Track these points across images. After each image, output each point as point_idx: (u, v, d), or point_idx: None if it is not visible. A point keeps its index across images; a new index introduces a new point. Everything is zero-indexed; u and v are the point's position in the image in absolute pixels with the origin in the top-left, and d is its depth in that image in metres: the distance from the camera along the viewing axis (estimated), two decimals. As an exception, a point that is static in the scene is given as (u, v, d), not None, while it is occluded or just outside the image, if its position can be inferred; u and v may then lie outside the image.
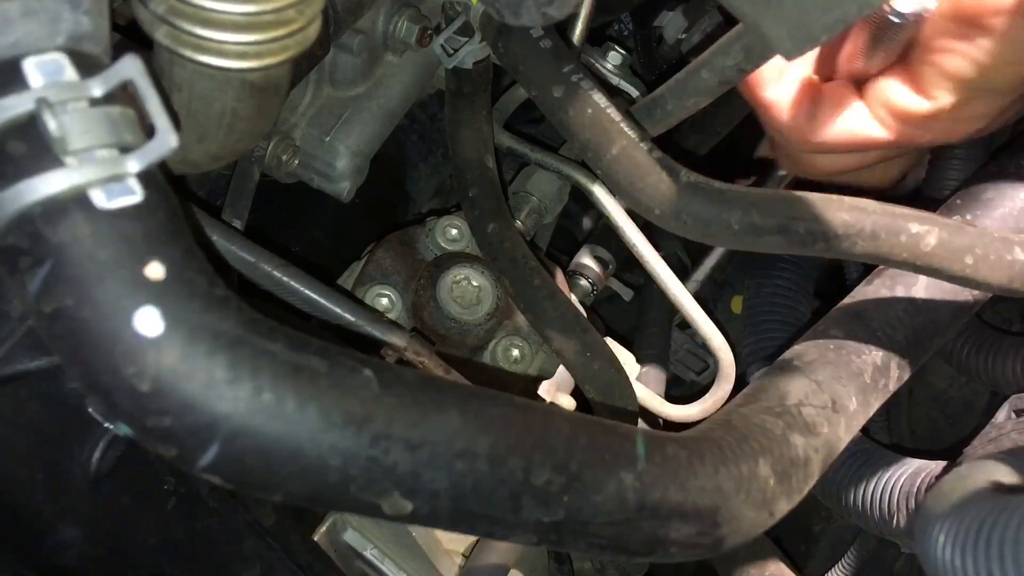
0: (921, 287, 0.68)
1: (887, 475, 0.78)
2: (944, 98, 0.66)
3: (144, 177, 0.39)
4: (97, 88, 0.39)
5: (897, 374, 0.65)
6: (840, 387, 0.61)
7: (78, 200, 0.37)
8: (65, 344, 0.37)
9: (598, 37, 0.98)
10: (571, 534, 0.46)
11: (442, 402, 0.42)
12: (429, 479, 0.41)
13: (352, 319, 0.68)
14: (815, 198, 0.58)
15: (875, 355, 0.64)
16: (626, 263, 0.93)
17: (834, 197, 0.57)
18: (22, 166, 0.37)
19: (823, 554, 1.22)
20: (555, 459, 0.44)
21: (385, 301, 0.80)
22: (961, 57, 0.63)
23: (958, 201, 0.73)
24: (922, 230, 0.57)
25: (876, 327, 0.66)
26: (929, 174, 0.86)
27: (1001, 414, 0.73)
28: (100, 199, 0.37)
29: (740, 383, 0.76)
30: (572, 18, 0.79)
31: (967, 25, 0.62)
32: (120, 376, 0.36)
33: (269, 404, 0.38)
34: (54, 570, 0.60)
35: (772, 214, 0.57)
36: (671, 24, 1.01)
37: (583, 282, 0.90)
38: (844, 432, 0.60)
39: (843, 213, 0.57)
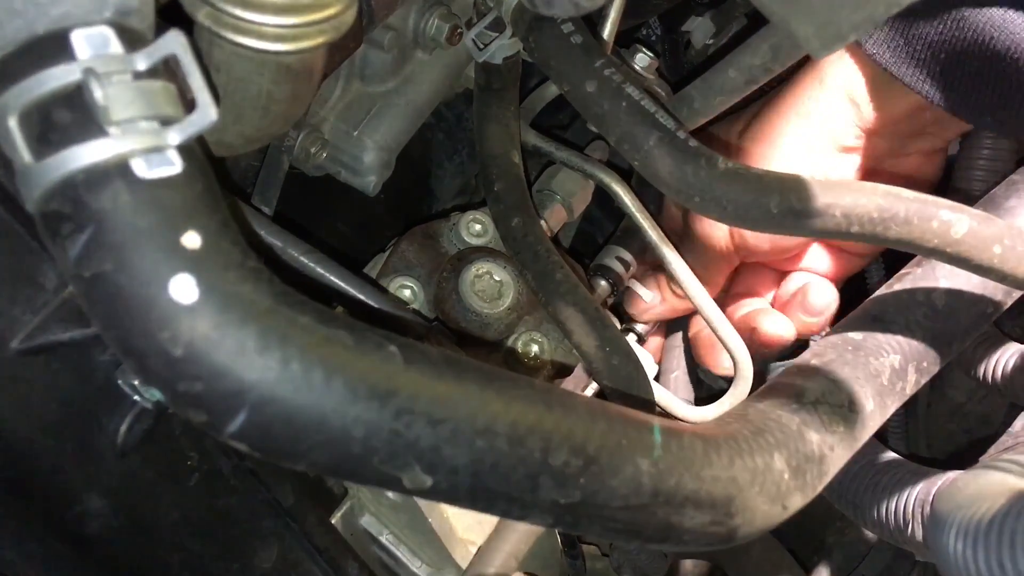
0: (942, 292, 0.68)
1: (903, 483, 0.78)
2: None
3: (183, 150, 0.40)
4: (141, 62, 0.40)
5: (915, 378, 0.66)
6: (857, 387, 0.61)
7: (120, 169, 0.38)
8: (102, 308, 0.38)
9: (626, 40, 0.99)
10: (586, 516, 0.46)
11: (465, 380, 0.43)
12: (449, 455, 0.42)
13: (375, 305, 0.69)
14: (852, 184, 0.58)
15: (893, 358, 0.64)
16: (647, 264, 0.94)
17: (868, 184, 0.58)
18: (67, 134, 0.38)
19: (836, 565, 1.21)
20: (573, 441, 0.45)
21: (408, 292, 0.81)
22: None
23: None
24: (953, 218, 0.58)
25: (895, 330, 0.66)
26: (953, 179, 0.87)
27: (1018, 423, 0.73)
28: (141, 168, 0.38)
29: (758, 385, 0.77)
30: (602, 19, 0.79)
31: None
32: (154, 340, 0.37)
33: (297, 374, 0.39)
34: (78, 538, 0.61)
35: (810, 198, 0.58)
36: (699, 29, 1.02)
37: (604, 282, 0.90)
38: (860, 432, 0.60)
39: (878, 198, 0.58)
